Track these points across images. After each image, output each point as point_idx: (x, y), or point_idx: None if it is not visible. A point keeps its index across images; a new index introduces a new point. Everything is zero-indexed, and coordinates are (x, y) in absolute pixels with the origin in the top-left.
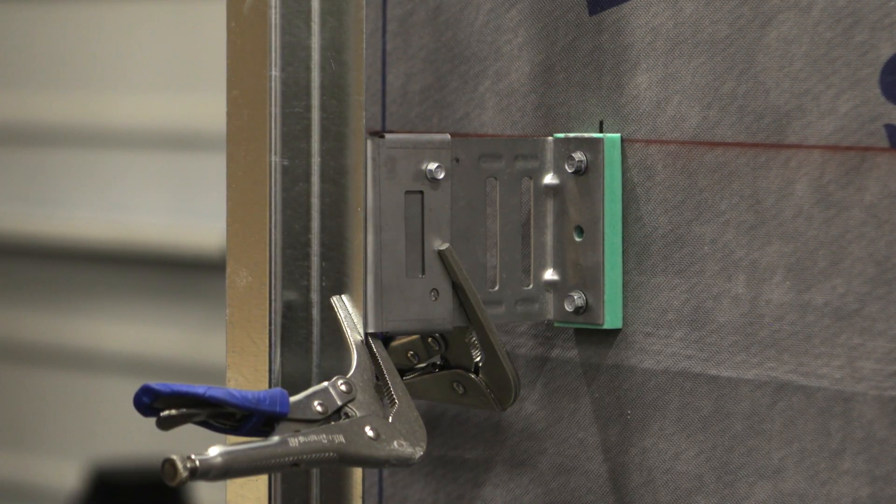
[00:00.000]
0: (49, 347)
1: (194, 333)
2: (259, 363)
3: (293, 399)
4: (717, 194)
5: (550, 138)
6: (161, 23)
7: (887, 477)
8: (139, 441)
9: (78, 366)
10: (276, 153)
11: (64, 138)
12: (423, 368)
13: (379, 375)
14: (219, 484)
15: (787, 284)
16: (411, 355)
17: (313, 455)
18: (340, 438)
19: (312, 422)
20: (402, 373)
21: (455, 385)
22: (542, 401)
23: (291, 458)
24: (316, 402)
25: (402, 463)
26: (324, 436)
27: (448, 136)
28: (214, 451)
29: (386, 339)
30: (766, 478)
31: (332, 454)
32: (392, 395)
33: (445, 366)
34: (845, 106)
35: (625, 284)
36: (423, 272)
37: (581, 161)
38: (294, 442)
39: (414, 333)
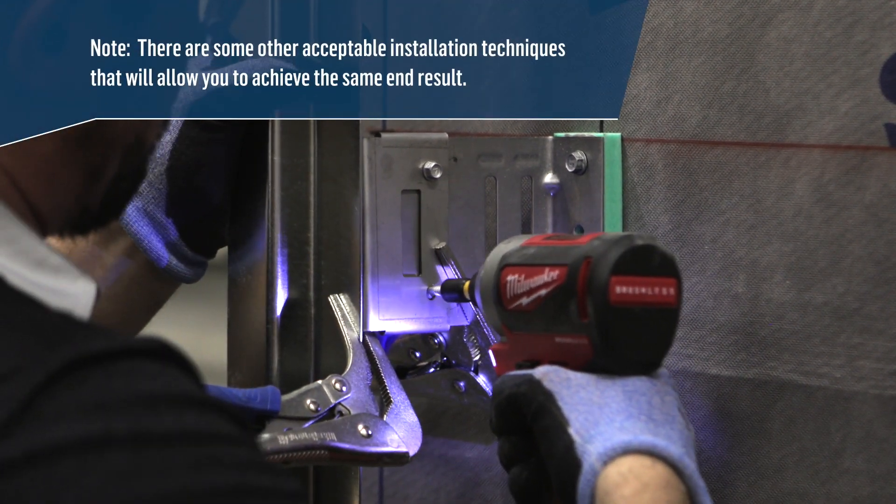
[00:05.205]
0: None
1: (194, 333)
2: (258, 362)
3: (285, 397)
4: (718, 194)
5: (550, 138)
6: None
7: (887, 476)
8: None
9: None
10: (275, 152)
11: None
12: (424, 366)
13: (375, 374)
14: None
15: (787, 284)
16: (413, 353)
17: (303, 452)
18: (332, 436)
19: (304, 419)
20: (403, 370)
21: (456, 383)
22: None
23: (281, 456)
24: (308, 401)
25: (396, 461)
26: (314, 433)
27: (446, 135)
28: None
29: (388, 337)
30: (766, 477)
31: (322, 452)
32: (388, 393)
33: (446, 364)
34: (845, 105)
35: None
36: (420, 271)
37: (581, 160)
38: (284, 440)
39: (412, 332)
